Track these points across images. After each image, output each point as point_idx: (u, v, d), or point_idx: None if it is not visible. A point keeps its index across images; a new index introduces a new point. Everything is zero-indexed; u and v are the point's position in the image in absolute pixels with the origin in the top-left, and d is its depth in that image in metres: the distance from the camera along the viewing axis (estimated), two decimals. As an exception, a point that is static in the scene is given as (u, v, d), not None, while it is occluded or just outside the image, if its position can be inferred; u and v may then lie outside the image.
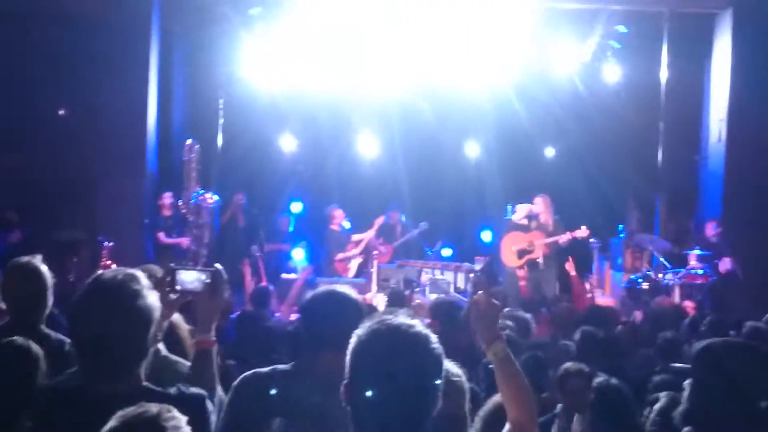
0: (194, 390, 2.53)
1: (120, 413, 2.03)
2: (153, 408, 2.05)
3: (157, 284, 2.74)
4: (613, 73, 12.18)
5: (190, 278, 2.86)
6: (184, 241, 11.34)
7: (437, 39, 11.63)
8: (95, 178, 11.43)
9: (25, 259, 4.01)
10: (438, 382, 2.06)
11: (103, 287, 2.47)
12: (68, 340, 3.80)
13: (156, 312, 2.48)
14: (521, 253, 11.62)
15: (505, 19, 11.56)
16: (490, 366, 2.72)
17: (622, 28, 11.95)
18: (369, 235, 12.46)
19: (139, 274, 2.53)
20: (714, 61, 12.01)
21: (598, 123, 12.87)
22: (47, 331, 3.90)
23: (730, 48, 11.44)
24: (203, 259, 10.95)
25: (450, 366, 2.76)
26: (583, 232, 11.40)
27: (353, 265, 12.59)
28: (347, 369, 2.06)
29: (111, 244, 10.20)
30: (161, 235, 11.61)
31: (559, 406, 4.50)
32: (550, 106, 12.67)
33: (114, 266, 7.69)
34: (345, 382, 2.06)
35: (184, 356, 3.22)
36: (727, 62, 11.50)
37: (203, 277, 2.86)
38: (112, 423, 2.02)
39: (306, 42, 11.76)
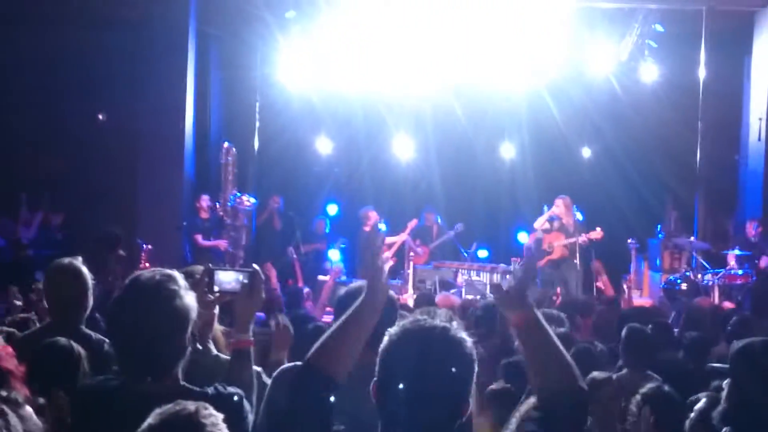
0: (232, 389, 2.55)
1: (158, 411, 2.06)
2: (190, 405, 2.07)
3: (196, 285, 2.77)
4: (650, 73, 12.06)
5: (228, 279, 2.89)
6: (222, 244, 11.43)
7: (472, 40, 11.60)
8: (134, 181, 11.58)
9: (66, 260, 4.05)
10: (468, 386, 2.05)
11: (140, 287, 2.51)
12: (108, 341, 3.87)
13: (193, 312, 2.51)
14: (541, 255, 11.63)
15: (540, 18, 11.50)
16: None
17: (659, 27, 11.83)
18: (401, 238, 12.46)
19: (176, 274, 2.56)
20: (753, 59, 11.85)
21: (635, 123, 12.76)
22: (88, 331, 3.94)
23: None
24: (240, 262, 11.04)
25: None
26: (597, 233, 11.37)
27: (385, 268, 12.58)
28: (377, 368, 2.07)
29: (149, 246, 10.32)
30: (199, 238, 11.70)
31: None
32: (586, 106, 12.59)
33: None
34: (374, 380, 2.07)
35: None
36: (767, 60, 11.34)
37: (241, 277, 2.88)
38: (150, 420, 2.04)
39: (341, 44, 11.80)
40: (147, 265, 9.93)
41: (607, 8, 11.84)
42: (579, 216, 11.65)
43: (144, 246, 10.34)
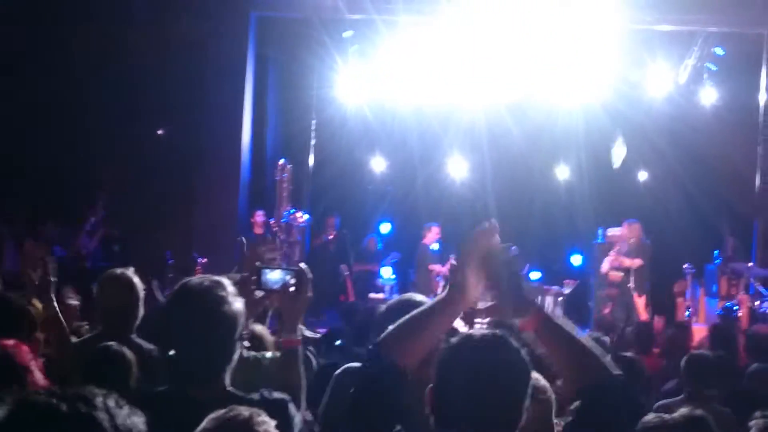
0: (277, 395, 2.58)
1: (212, 415, 2.10)
2: (245, 411, 2.12)
3: (243, 283, 2.81)
4: (709, 96, 11.90)
5: (275, 278, 2.90)
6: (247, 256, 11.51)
7: (529, 58, 11.58)
8: (192, 196, 11.77)
9: (119, 270, 4.15)
10: (523, 397, 2.04)
11: (189, 293, 2.55)
12: (154, 349, 3.94)
13: (241, 318, 2.54)
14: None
15: (599, 39, 11.44)
16: None
17: (719, 50, 11.68)
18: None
19: (225, 280, 2.59)
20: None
21: (693, 146, 12.59)
22: (138, 340, 4.02)
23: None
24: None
25: (536, 379, 2.54)
26: (637, 262, 11.32)
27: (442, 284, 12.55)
28: (434, 373, 2.07)
29: (205, 260, 10.46)
30: (246, 249, 11.82)
31: None
32: (645, 127, 12.46)
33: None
34: (430, 386, 2.07)
35: None
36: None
37: (288, 276, 2.89)
38: (204, 425, 2.09)
39: (397, 63, 11.89)
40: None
41: (666, 30, 11.72)
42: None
43: (199, 259, 10.48)
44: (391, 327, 2.18)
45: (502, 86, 11.81)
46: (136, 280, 4.09)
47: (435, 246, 13.03)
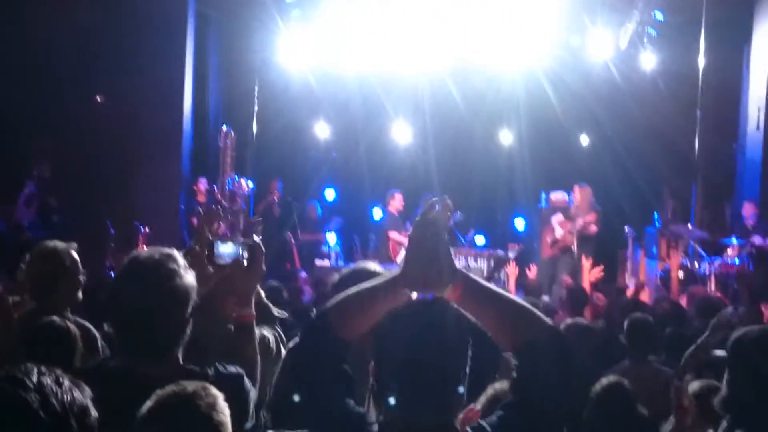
0: (232, 369, 2.54)
1: (157, 393, 2.06)
2: (189, 387, 2.08)
3: (196, 257, 2.75)
4: (649, 61, 12.04)
5: (228, 250, 2.85)
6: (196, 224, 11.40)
7: (471, 24, 11.57)
8: (132, 163, 11.55)
9: (50, 243, 4.01)
10: (465, 355, 2.04)
11: (139, 267, 2.48)
12: (92, 328, 3.84)
13: (193, 292, 2.48)
14: (553, 244, 11.67)
15: (540, 4, 11.47)
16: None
17: (659, 15, 11.80)
18: None
19: (176, 253, 2.52)
20: (753, 48, 11.83)
21: (633, 111, 12.73)
22: (71, 316, 3.88)
23: (770, 34, 11.26)
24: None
25: None
26: (591, 217, 11.40)
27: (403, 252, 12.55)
28: (374, 345, 2.06)
29: (147, 229, 10.31)
30: (195, 221, 11.67)
31: None
32: (585, 93, 12.56)
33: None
34: (372, 361, 2.06)
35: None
36: (766, 49, 11.31)
37: (241, 249, 2.85)
38: (149, 403, 2.05)
39: (339, 28, 11.77)
40: (145, 247, 9.91)
41: (607, -7, 11.81)
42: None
43: (142, 229, 10.32)
44: (335, 299, 2.15)
45: (443, 52, 11.81)
46: (68, 252, 3.95)
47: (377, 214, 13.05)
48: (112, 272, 8.72)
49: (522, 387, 2.06)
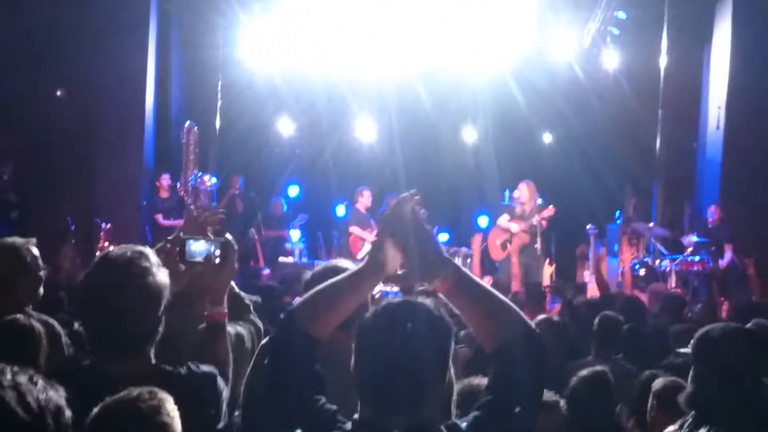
0: (205, 368, 2.50)
1: (106, 400, 2.05)
2: (135, 391, 2.06)
3: (166, 254, 2.71)
4: (612, 60, 12.15)
5: (200, 249, 2.80)
6: (182, 224, 11.28)
7: (436, 23, 11.60)
8: (93, 159, 11.40)
9: (9, 239, 3.91)
10: (447, 354, 2.03)
11: (111, 264, 2.43)
12: (56, 324, 3.77)
13: (166, 290, 2.44)
14: (504, 245, 11.66)
15: (505, 3, 11.52)
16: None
17: (621, 14, 11.91)
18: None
19: (149, 251, 2.48)
20: (713, 47, 11.99)
21: (596, 109, 12.86)
22: (35, 313, 3.76)
23: (730, 35, 11.41)
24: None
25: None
26: (549, 210, 11.34)
27: (365, 248, 12.49)
28: (355, 344, 2.04)
29: (108, 225, 10.18)
30: (159, 217, 11.58)
31: None
32: (549, 92, 12.65)
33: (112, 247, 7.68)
34: (353, 359, 2.04)
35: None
36: (727, 49, 11.47)
37: (213, 247, 2.81)
38: (95, 410, 2.04)
39: (305, 24, 11.72)
40: (106, 244, 9.79)
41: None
42: (539, 201, 11.68)
43: (102, 225, 10.20)
44: (304, 297, 2.14)
45: (410, 51, 11.82)
46: (27, 248, 3.86)
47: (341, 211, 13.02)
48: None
49: (499, 386, 2.06)
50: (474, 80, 12.32)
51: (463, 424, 2.02)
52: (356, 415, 2.04)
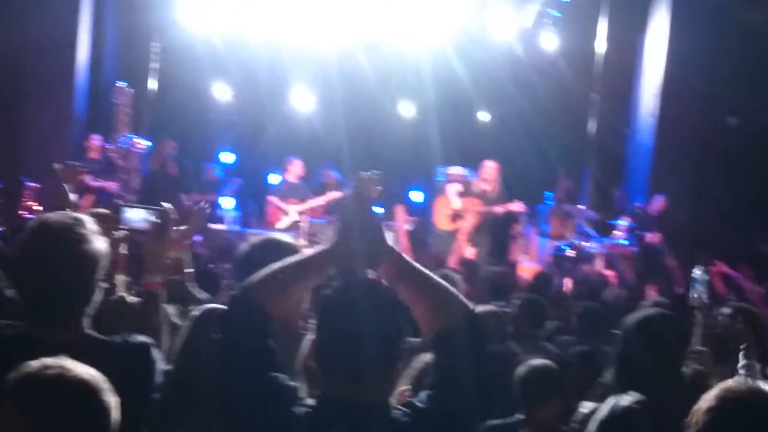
0: (140, 338, 2.46)
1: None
2: (35, 364, 1.97)
3: (102, 222, 2.64)
4: (551, 42, 12.24)
5: (137, 217, 2.75)
6: (112, 186, 11.06)
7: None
8: (19, 115, 11.06)
9: None
10: (403, 329, 2.11)
11: (47, 231, 2.36)
12: None
13: (104, 258, 2.39)
14: (454, 217, 11.62)
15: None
16: None
17: (563, -3, 12.02)
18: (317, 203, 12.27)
19: (86, 217, 2.42)
20: (648, 35, 12.18)
21: (534, 90, 12.95)
22: None
23: (667, 24, 11.60)
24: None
25: None
26: (518, 207, 11.41)
27: (286, 220, 12.39)
28: (316, 323, 2.10)
29: (35, 185, 9.89)
30: (87, 178, 11.28)
31: None
32: (490, 69, 12.69)
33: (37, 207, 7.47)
34: (314, 339, 2.11)
35: None
36: (664, 38, 11.67)
37: (150, 216, 2.75)
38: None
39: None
40: (31, 203, 9.52)
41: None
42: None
43: (28, 184, 9.89)
44: (260, 273, 2.13)
45: (352, 23, 11.72)
46: None
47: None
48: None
49: (442, 370, 2.12)
50: (415, 54, 12.28)
51: (419, 403, 2.09)
52: (317, 392, 2.10)
